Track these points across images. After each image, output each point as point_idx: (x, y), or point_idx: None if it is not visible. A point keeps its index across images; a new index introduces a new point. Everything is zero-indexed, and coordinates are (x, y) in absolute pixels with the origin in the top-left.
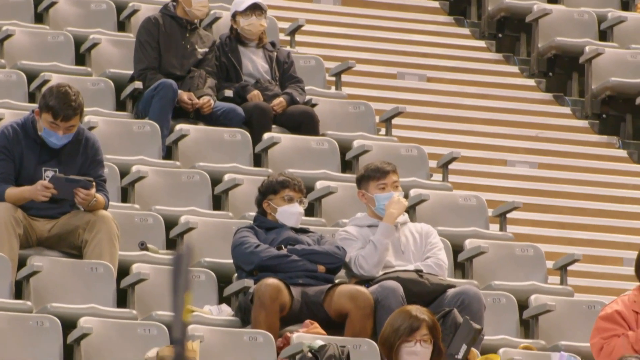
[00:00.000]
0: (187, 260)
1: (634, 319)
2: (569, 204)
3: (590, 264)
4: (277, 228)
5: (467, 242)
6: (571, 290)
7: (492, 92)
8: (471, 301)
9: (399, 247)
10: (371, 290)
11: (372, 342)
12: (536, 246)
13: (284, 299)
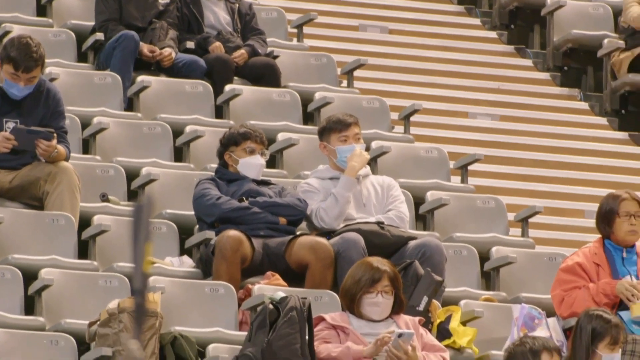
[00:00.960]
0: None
1: (594, 271)
2: (531, 156)
3: (552, 216)
4: (238, 180)
5: (429, 194)
6: (532, 243)
7: (454, 44)
8: (432, 253)
9: (360, 200)
10: (332, 242)
11: (332, 294)
12: (497, 198)
13: (245, 250)
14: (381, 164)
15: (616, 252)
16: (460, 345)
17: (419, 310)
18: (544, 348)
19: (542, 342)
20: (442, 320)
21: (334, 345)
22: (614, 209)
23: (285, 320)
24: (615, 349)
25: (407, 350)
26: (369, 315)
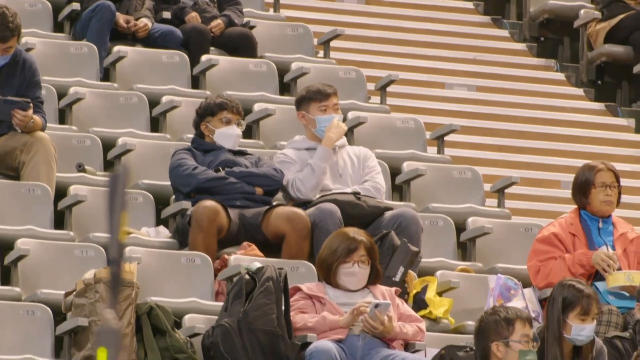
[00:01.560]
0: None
1: (570, 242)
2: (507, 126)
3: (528, 186)
4: (214, 150)
5: (405, 164)
6: (509, 213)
7: (431, 14)
8: (409, 224)
9: (336, 170)
10: (308, 212)
11: (309, 264)
12: (474, 169)
13: (221, 221)
14: (357, 134)
15: (592, 222)
16: (436, 315)
17: (395, 280)
18: (517, 317)
19: (516, 311)
20: (418, 290)
21: (310, 315)
22: (590, 180)
23: (261, 290)
24: (587, 320)
25: (384, 321)
26: (346, 285)
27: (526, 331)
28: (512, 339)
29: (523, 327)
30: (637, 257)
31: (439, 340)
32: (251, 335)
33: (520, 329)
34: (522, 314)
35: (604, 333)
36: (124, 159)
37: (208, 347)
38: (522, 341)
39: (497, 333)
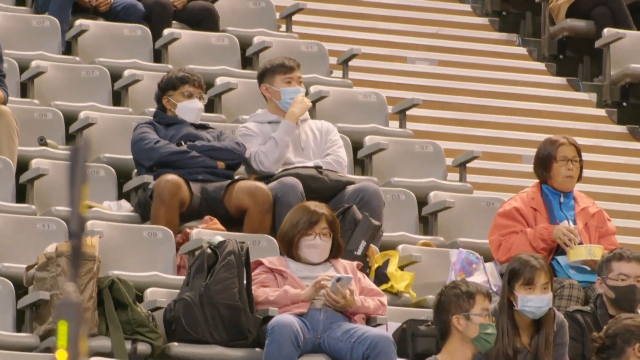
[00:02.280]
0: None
1: (532, 216)
2: (469, 101)
3: (490, 161)
4: (176, 124)
5: (367, 138)
6: (470, 187)
7: None
8: (370, 198)
9: (299, 144)
10: (270, 186)
11: (271, 238)
12: (436, 143)
13: (183, 194)
14: (319, 108)
15: (554, 197)
16: (397, 289)
17: (357, 254)
18: (478, 291)
19: (476, 286)
20: (380, 264)
21: (271, 289)
22: (551, 154)
23: (223, 264)
24: (534, 291)
25: (345, 295)
26: (307, 257)
27: (486, 305)
28: (473, 312)
29: (483, 301)
30: (598, 231)
31: (400, 314)
32: (213, 309)
33: (481, 303)
34: (482, 288)
35: (565, 307)
36: (85, 133)
37: (170, 320)
38: (482, 314)
39: (457, 306)
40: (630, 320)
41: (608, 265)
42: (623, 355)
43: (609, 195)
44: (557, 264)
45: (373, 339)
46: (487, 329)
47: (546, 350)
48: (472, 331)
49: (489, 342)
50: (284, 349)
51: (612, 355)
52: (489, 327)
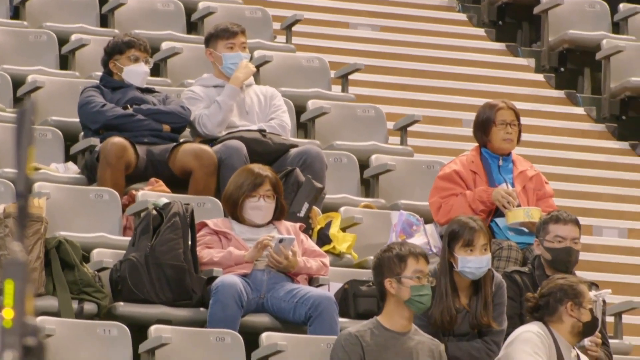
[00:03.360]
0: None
1: (471, 179)
2: (410, 66)
3: (430, 125)
4: (123, 88)
5: (310, 102)
6: (411, 151)
7: None
8: (313, 161)
9: (243, 108)
10: (215, 149)
11: (215, 200)
12: (377, 107)
13: (129, 157)
14: (263, 73)
15: (492, 160)
16: (339, 250)
17: (300, 216)
18: (409, 253)
19: (409, 248)
20: (322, 226)
21: (216, 251)
22: (490, 118)
23: (168, 225)
24: (474, 252)
25: (288, 255)
26: (251, 219)
27: (419, 267)
28: (404, 275)
29: (416, 263)
30: (536, 194)
31: (342, 274)
32: (158, 270)
33: (413, 265)
34: (415, 249)
35: (503, 268)
36: (33, 96)
37: (116, 281)
38: (413, 277)
39: (389, 270)
40: (563, 280)
41: (545, 227)
42: (556, 314)
43: (546, 158)
44: (496, 225)
45: (315, 299)
46: (419, 291)
47: (485, 310)
48: (404, 294)
49: (422, 303)
50: (227, 309)
51: (546, 314)
52: (422, 289)
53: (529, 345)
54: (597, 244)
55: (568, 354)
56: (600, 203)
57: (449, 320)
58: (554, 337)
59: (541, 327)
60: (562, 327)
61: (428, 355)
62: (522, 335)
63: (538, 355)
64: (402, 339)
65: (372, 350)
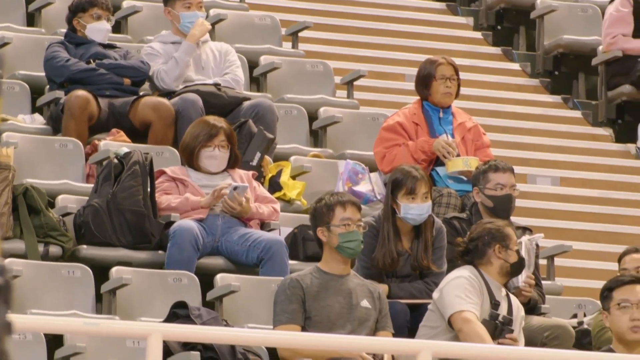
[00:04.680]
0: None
1: (414, 130)
2: (356, 24)
3: (375, 79)
4: (86, 44)
5: (262, 58)
6: (357, 104)
7: None
8: (265, 113)
9: (199, 63)
10: (173, 102)
11: (173, 149)
12: (325, 63)
13: (92, 109)
14: (218, 30)
15: (433, 112)
16: (290, 197)
17: (252, 165)
18: (337, 202)
19: (338, 197)
20: (274, 174)
21: (173, 197)
22: (431, 73)
23: (129, 173)
24: (415, 200)
25: (241, 202)
26: (207, 167)
27: (347, 215)
28: (333, 224)
29: (343, 212)
30: (474, 144)
31: (292, 220)
32: (119, 215)
33: (340, 213)
34: (343, 198)
35: (443, 214)
36: (1, 52)
37: (79, 225)
38: (341, 225)
39: (320, 219)
40: (490, 225)
41: (485, 176)
42: (485, 257)
43: (484, 111)
44: (436, 174)
45: (267, 242)
46: (347, 238)
47: (425, 254)
48: (334, 241)
49: (351, 248)
50: (184, 252)
51: (475, 258)
52: (349, 235)
53: (460, 289)
54: (531, 192)
55: (498, 293)
56: (535, 153)
57: (391, 263)
58: (484, 278)
59: (471, 270)
60: (491, 269)
61: (367, 296)
62: (453, 281)
63: (469, 298)
64: (341, 281)
65: (312, 292)
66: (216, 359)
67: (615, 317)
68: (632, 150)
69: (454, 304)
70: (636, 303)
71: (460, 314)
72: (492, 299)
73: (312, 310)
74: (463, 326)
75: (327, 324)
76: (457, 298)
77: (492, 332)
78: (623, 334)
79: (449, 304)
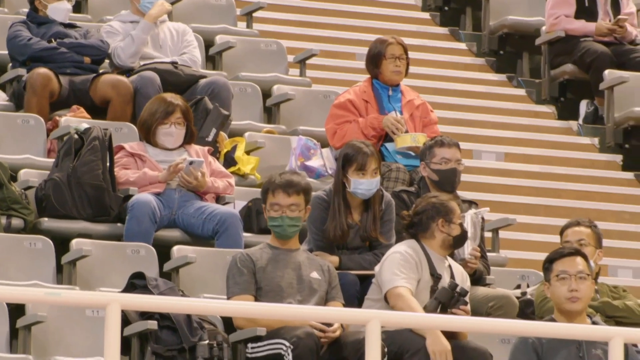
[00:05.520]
0: None
1: (364, 107)
2: (309, 4)
3: (327, 58)
4: (47, 23)
5: (218, 37)
6: (309, 81)
7: None
8: (220, 90)
9: (157, 42)
10: (131, 79)
11: (131, 125)
12: (279, 42)
13: (53, 86)
14: (176, 10)
15: (383, 90)
16: (244, 172)
17: (208, 141)
18: (268, 187)
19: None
20: (229, 149)
21: (132, 171)
22: (381, 52)
23: (88, 148)
24: (365, 175)
25: (197, 176)
26: (164, 144)
27: (275, 200)
28: (265, 207)
29: (272, 197)
30: (422, 121)
31: (246, 193)
32: (79, 188)
33: (270, 199)
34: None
35: (392, 188)
36: None
37: (41, 198)
38: (270, 209)
39: (262, 198)
40: (435, 199)
41: (431, 151)
42: (428, 231)
43: (432, 89)
44: (386, 150)
45: (222, 215)
46: (272, 222)
47: (374, 226)
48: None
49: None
50: (142, 224)
51: (419, 231)
52: (274, 220)
53: (395, 265)
54: (477, 167)
55: (441, 264)
56: (480, 130)
57: (342, 235)
58: (426, 251)
59: (411, 244)
60: (433, 242)
61: (316, 269)
62: (389, 257)
63: (403, 273)
64: (290, 254)
65: (262, 265)
66: (173, 328)
67: (555, 288)
68: (573, 127)
69: (388, 282)
70: (575, 274)
71: (393, 291)
72: (433, 271)
73: (262, 281)
74: (396, 302)
75: (277, 294)
76: (391, 275)
77: (448, 301)
78: (562, 304)
79: (384, 281)
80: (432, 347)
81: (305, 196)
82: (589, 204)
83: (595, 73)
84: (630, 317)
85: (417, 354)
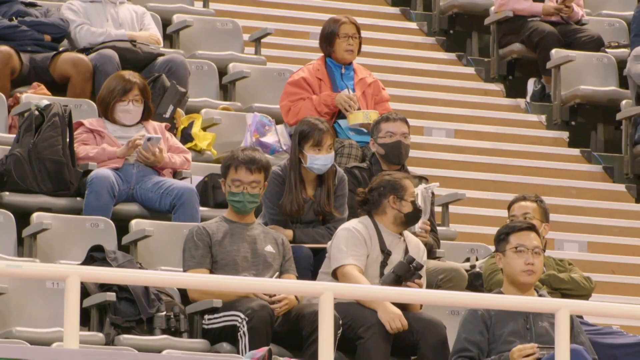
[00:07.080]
0: None
1: (317, 85)
2: None
3: (281, 37)
4: (8, 2)
5: (175, 17)
6: (264, 60)
7: None
8: (178, 68)
9: (117, 22)
10: (91, 57)
11: (91, 102)
12: (235, 21)
13: (14, 63)
14: None
15: (336, 68)
16: (201, 147)
17: (166, 117)
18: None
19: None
20: (186, 126)
21: (91, 147)
22: (334, 31)
23: (49, 124)
24: (321, 151)
25: (155, 152)
26: (122, 120)
27: (236, 176)
28: (226, 182)
29: (234, 173)
30: (374, 98)
31: (203, 169)
32: (40, 164)
33: (232, 174)
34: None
35: (345, 164)
36: None
37: (2, 173)
38: (231, 185)
39: (222, 172)
40: (388, 177)
41: (377, 126)
42: (380, 207)
43: (383, 67)
44: (339, 126)
45: (179, 190)
46: (232, 197)
47: (328, 200)
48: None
49: (236, 207)
50: (101, 198)
51: (373, 207)
52: (234, 195)
53: (343, 242)
54: (427, 143)
55: (394, 240)
56: (431, 107)
57: (297, 209)
58: (377, 228)
59: (363, 220)
60: (385, 219)
61: (271, 242)
62: (338, 234)
63: (351, 249)
64: (246, 228)
65: (218, 238)
66: (131, 300)
67: (511, 260)
68: (521, 104)
69: (335, 259)
70: (531, 249)
71: (341, 269)
72: (383, 247)
73: (218, 254)
74: (342, 280)
75: (233, 268)
76: (339, 252)
77: (404, 273)
78: (516, 275)
79: (332, 258)
80: (384, 317)
81: (265, 173)
82: (537, 180)
83: (542, 52)
84: (576, 290)
85: (371, 327)
